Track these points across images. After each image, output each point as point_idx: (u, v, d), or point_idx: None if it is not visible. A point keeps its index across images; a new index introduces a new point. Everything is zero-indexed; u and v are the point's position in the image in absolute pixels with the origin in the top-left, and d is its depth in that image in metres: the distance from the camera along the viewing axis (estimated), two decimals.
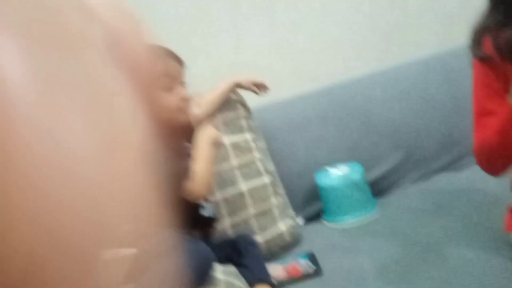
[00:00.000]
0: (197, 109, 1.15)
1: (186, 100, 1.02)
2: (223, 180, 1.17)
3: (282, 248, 1.20)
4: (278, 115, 1.41)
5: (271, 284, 0.96)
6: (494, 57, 0.80)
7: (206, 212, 1.08)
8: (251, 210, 1.17)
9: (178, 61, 1.02)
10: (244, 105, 1.30)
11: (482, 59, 0.82)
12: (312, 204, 1.37)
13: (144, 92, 0.19)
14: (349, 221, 1.26)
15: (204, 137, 1.06)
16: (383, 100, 1.47)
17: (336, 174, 1.29)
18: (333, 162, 1.35)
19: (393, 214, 1.24)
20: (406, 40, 1.67)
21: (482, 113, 0.83)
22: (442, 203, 1.21)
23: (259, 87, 1.27)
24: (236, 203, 1.17)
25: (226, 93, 1.24)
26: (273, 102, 1.40)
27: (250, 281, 0.93)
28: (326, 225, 1.31)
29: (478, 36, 0.82)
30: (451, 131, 1.48)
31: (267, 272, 1.00)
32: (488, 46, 0.80)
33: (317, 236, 1.24)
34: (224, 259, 1.00)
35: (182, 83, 1.03)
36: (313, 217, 1.36)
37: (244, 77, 1.26)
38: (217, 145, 1.08)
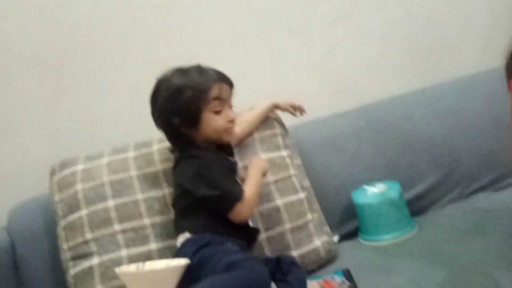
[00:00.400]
0: (236, 128, 1.22)
1: (232, 121, 1.12)
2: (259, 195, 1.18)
3: (317, 264, 1.20)
4: (314, 132, 1.44)
5: None
6: None
7: (252, 223, 1.14)
8: (287, 225, 1.20)
9: (229, 84, 1.12)
10: (280, 123, 1.35)
11: None
12: (348, 222, 1.37)
13: None
14: (386, 239, 1.23)
15: (257, 165, 1.14)
16: (421, 119, 1.47)
17: (373, 192, 1.29)
18: (370, 180, 1.35)
19: (432, 234, 1.21)
20: (444, 59, 1.67)
21: None
22: (484, 223, 1.17)
23: (296, 109, 1.34)
24: (272, 218, 1.20)
25: (264, 114, 1.32)
26: (309, 120, 1.43)
27: None
28: (362, 243, 1.27)
29: None
30: (491, 150, 1.44)
31: None
32: None
33: (353, 254, 1.22)
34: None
35: (230, 105, 1.13)
36: (349, 235, 1.35)
37: (282, 99, 1.34)
38: (265, 175, 1.18)
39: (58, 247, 1.18)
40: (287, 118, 1.39)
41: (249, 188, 1.07)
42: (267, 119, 1.34)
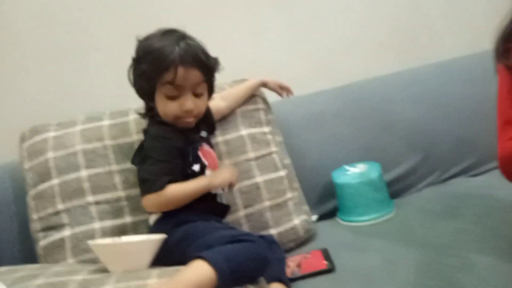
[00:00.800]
0: (221, 103, 1.22)
1: (189, 112, 1.02)
2: (239, 171, 1.17)
3: (295, 242, 1.20)
4: (295, 110, 1.42)
5: (287, 285, 0.95)
6: None
7: (221, 199, 1.09)
8: (266, 203, 1.19)
9: (199, 68, 1.01)
10: (263, 99, 1.32)
11: (510, 67, 0.79)
12: (327, 201, 1.37)
13: None
14: (364, 220, 1.23)
15: (215, 177, 1.01)
16: (402, 101, 1.47)
17: (354, 172, 1.28)
18: (349, 160, 1.35)
19: (408, 216, 1.22)
20: (427, 42, 1.66)
21: (507, 122, 0.80)
22: (458, 207, 1.19)
23: (283, 90, 1.32)
24: (251, 195, 1.18)
25: (252, 90, 1.28)
26: (291, 97, 1.38)
27: (268, 277, 0.92)
28: (340, 223, 1.28)
29: (506, 44, 0.80)
30: (469, 136, 1.46)
31: (285, 273, 1.00)
32: None
33: (331, 233, 1.23)
34: None
35: (198, 93, 1.03)
36: (327, 215, 1.35)
37: (271, 78, 1.31)
38: (230, 186, 1.05)
39: (27, 217, 1.13)
40: (268, 95, 1.36)
41: (179, 189, 0.99)
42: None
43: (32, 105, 1.36)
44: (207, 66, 1.04)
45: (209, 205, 1.06)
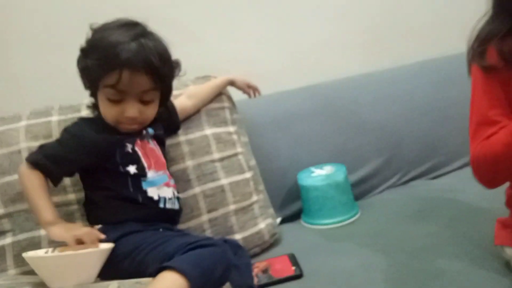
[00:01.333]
0: (187, 101, 1.15)
1: (130, 118, 0.93)
2: (203, 173, 1.12)
3: (261, 247, 1.15)
4: (261, 110, 1.38)
5: None
6: (499, 66, 0.77)
7: (170, 204, 0.99)
8: (231, 206, 1.13)
9: (151, 74, 0.90)
10: (228, 97, 1.27)
11: (487, 69, 0.79)
12: (291, 203, 1.33)
13: None
14: (330, 223, 1.21)
15: (57, 232, 0.85)
16: (369, 103, 1.46)
17: (319, 174, 1.26)
18: (315, 162, 1.32)
19: (375, 219, 1.21)
20: (397, 44, 1.66)
21: (482, 123, 0.79)
22: (424, 210, 1.19)
23: (251, 90, 1.27)
24: (216, 198, 1.12)
25: (219, 89, 1.22)
26: (258, 96, 1.33)
27: (237, 283, 0.87)
28: (305, 226, 1.27)
29: (482, 45, 0.79)
30: (432, 139, 1.47)
31: (253, 279, 0.95)
32: (492, 55, 0.78)
33: (297, 237, 1.19)
34: None
35: (147, 100, 0.94)
36: (291, 217, 1.32)
37: (239, 76, 1.25)
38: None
39: None
40: (233, 93, 1.30)
41: (28, 183, 0.89)
42: None
43: None
44: (159, 73, 0.92)
45: (151, 213, 0.96)
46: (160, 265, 0.75)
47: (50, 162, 0.91)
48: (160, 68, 0.91)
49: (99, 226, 0.93)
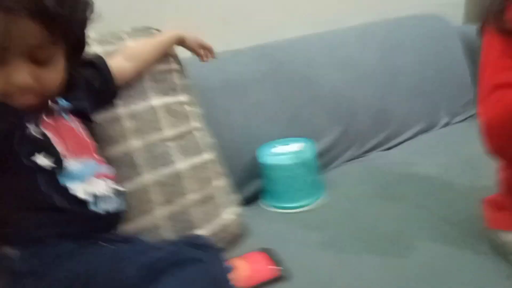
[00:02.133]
0: (126, 63, 0.88)
1: (19, 87, 0.61)
2: (153, 156, 0.88)
3: (227, 241, 0.96)
4: (209, 73, 1.15)
5: None
6: None
7: (106, 203, 0.71)
8: (191, 196, 0.91)
9: (46, 26, 0.59)
10: (175, 56, 1.02)
11: (506, 31, 0.73)
12: (248, 184, 1.16)
13: None
14: (299, 206, 1.08)
15: None
16: (322, 66, 1.32)
17: (285, 151, 1.10)
18: (273, 135, 1.17)
19: (342, 200, 1.09)
20: (347, 4, 1.55)
21: (498, 86, 0.73)
22: (388, 187, 1.11)
23: (205, 52, 1.04)
24: (172, 188, 0.89)
25: (165, 48, 0.97)
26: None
27: None
28: (268, 210, 1.11)
29: (501, 5, 0.73)
30: (383, 107, 1.39)
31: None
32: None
33: (265, 225, 1.03)
34: None
35: (37, 59, 0.62)
36: (249, 199, 1.15)
37: (192, 35, 1.00)
38: None
39: None
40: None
41: None
42: None
43: None
44: (55, 17, 0.60)
45: (80, 220, 0.68)
46: None
47: None
48: (54, 8, 0.59)
49: (15, 252, 0.64)
